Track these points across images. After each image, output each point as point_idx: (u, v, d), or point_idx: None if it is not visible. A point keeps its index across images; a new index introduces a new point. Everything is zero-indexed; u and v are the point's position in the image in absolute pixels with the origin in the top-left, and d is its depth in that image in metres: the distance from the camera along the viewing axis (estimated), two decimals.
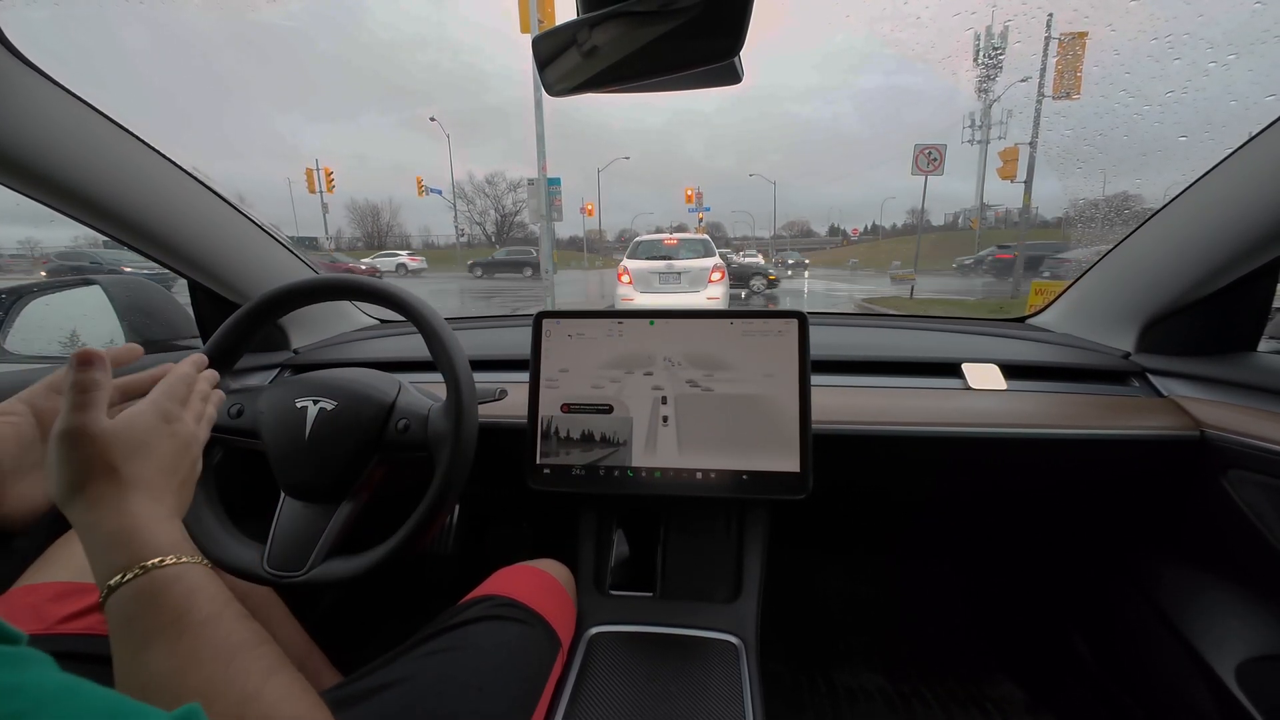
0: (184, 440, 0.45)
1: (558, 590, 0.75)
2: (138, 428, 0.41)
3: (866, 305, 11.30)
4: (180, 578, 0.37)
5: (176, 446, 0.44)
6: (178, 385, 0.47)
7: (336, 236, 52.08)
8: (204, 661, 0.36)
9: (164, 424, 0.44)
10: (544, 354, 0.78)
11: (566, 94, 0.49)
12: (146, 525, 0.38)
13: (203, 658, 0.36)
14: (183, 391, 0.47)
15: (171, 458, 0.43)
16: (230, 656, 0.37)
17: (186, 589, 0.37)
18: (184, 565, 0.38)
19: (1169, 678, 0.85)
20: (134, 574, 0.36)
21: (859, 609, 1.34)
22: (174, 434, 0.44)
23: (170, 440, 0.43)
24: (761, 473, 0.72)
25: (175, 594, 0.37)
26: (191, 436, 0.46)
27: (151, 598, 0.36)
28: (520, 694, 0.59)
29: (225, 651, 0.37)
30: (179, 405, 0.46)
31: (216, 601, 0.39)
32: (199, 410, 0.49)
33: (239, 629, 0.39)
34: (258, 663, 0.38)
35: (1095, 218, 1.44)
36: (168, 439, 0.43)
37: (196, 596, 0.38)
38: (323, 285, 0.71)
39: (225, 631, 0.38)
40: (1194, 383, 0.85)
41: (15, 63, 0.66)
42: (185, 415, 0.46)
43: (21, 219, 27.98)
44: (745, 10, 0.39)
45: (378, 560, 0.61)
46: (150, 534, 0.38)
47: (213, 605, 0.38)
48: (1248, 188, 0.73)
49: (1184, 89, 1.04)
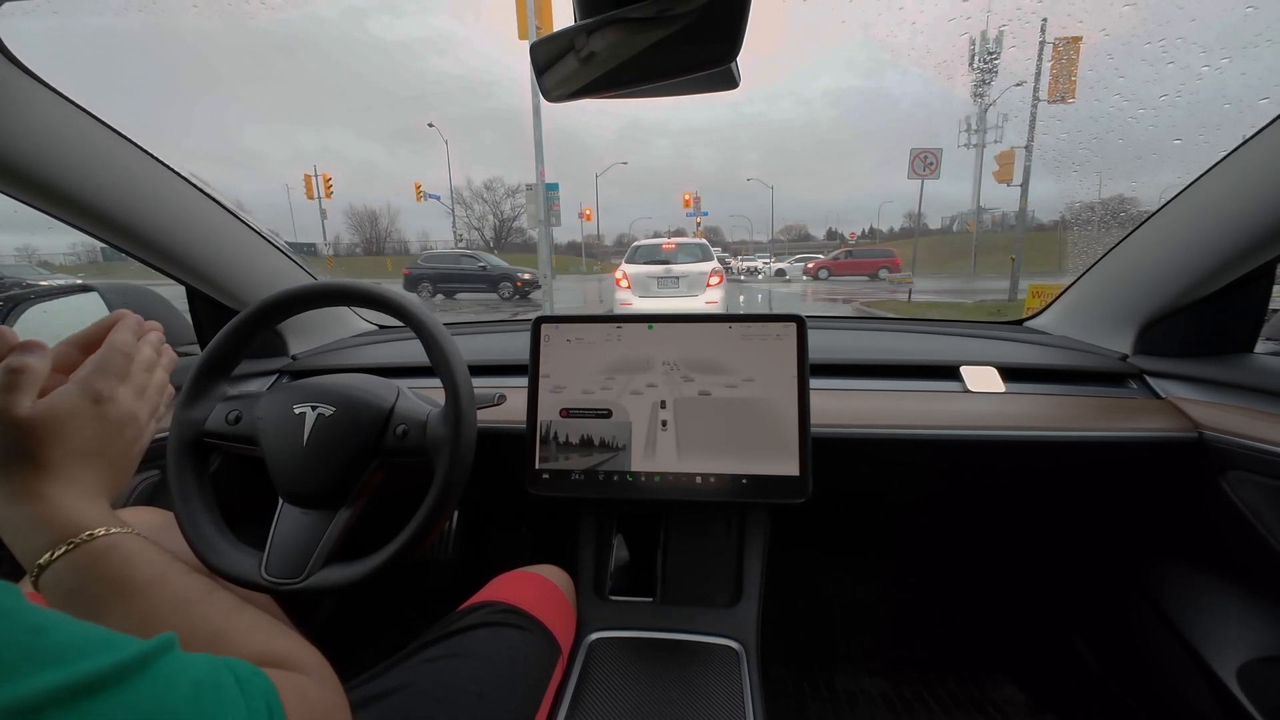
0: (115, 421, 0.42)
1: (557, 596, 0.75)
2: (59, 411, 0.39)
3: (864, 309, 11.33)
4: (113, 547, 0.37)
5: (104, 429, 0.41)
6: (112, 358, 0.43)
7: (335, 243, 52.14)
8: (162, 615, 0.36)
9: (90, 405, 0.41)
10: (543, 359, 0.78)
11: (564, 99, 0.49)
12: (64, 507, 0.37)
13: (159, 612, 0.36)
14: (119, 364, 0.44)
15: (97, 440, 0.41)
16: (187, 607, 0.38)
17: (121, 557, 0.37)
18: (114, 535, 0.38)
19: (1170, 679, 0.84)
20: (63, 550, 0.36)
21: (860, 612, 1.34)
22: (101, 415, 0.41)
23: (96, 422, 0.41)
24: (761, 476, 0.72)
25: (112, 562, 0.37)
26: (127, 415, 0.43)
27: (89, 569, 0.36)
28: (520, 701, 0.59)
29: (181, 603, 0.37)
30: (113, 381, 0.43)
31: (157, 564, 0.39)
32: (141, 383, 0.45)
33: (188, 584, 0.39)
34: (215, 607, 0.39)
35: (1091, 220, 1.45)
36: (93, 421, 0.41)
37: (135, 561, 0.38)
38: (320, 291, 0.71)
39: (175, 588, 0.38)
40: (1191, 384, 0.85)
41: (13, 70, 0.66)
42: (120, 392, 0.43)
43: (20, 226, 27.97)
44: (742, 16, 0.40)
45: (376, 567, 0.61)
46: (69, 514, 0.37)
47: (153, 568, 0.38)
48: (1243, 190, 0.73)
49: (1178, 92, 1.04)
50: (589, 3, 0.43)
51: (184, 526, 0.62)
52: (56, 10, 0.67)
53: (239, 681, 0.29)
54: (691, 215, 33.37)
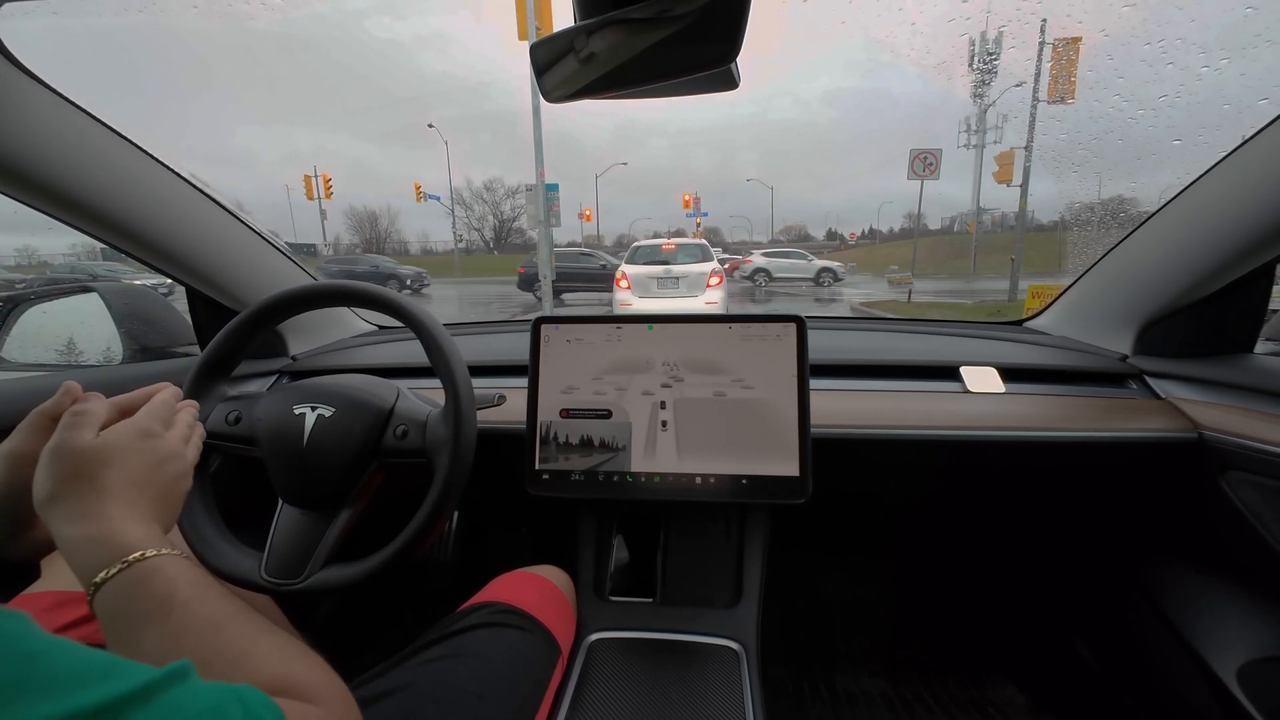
0: (162, 455, 0.47)
1: (557, 596, 0.75)
2: (115, 443, 0.44)
3: (864, 309, 11.33)
4: (161, 568, 0.40)
5: (153, 460, 0.46)
6: (160, 408, 0.50)
7: (335, 243, 52.10)
8: (194, 634, 0.38)
9: (142, 439, 0.46)
10: (543, 359, 0.78)
11: (564, 100, 0.49)
12: (121, 528, 0.41)
13: (192, 631, 0.38)
14: (165, 414, 0.50)
15: (146, 470, 0.46)
16: (218, 628, 0.39)
17: (167, 577, 0.40)
18: (163, 557, 0.40)
19: (1171, 680, 0.84)
20: (118, 568, 0.38)
21: (860, 612, 1.34)
22: (152, 449, 0.47)
23: (147, 454, 0.46)
24: (761, 477, 0.72)
25: (158, 582, 0.39)
26: (172, 452, 0.49)
27: (137, 587, 0.38)
28: (520, 701, 0.59)
29: (212, 624, 0.39)
30: (161, 425, 0.49)
31: (198, 585, 0.41)
32: (185, 433, 0.52)
33: (224, 604, 0.41)
34: (245, 628, 0.41)
35: (1091, 221, 1.45)
36: (144, 453, 0.46)
37: (178, 582, 0.40)
38: (320, 292, 0.71)
39: (211, 608, 0.40)
40: (1191, 384, 0.85)
41: (14, 71, 0.66)
42: (168, 434, 0.49)
43: (19, 227, 27.94)
44: (741, 17, 0.40)
45: (376, 567, 0.61)
46: (126, 534, 0.41)
47: (194, 588, 0.41)
48: (1243, 190, 0.73)
49: (1177, 93, 1.05)
50: (589, 3, 0.43)
51: (184, 527, 0.62)
52: (56, 10, 0.67)
53: (246, 714, 0.30)
54: (691, 216, 33.36)
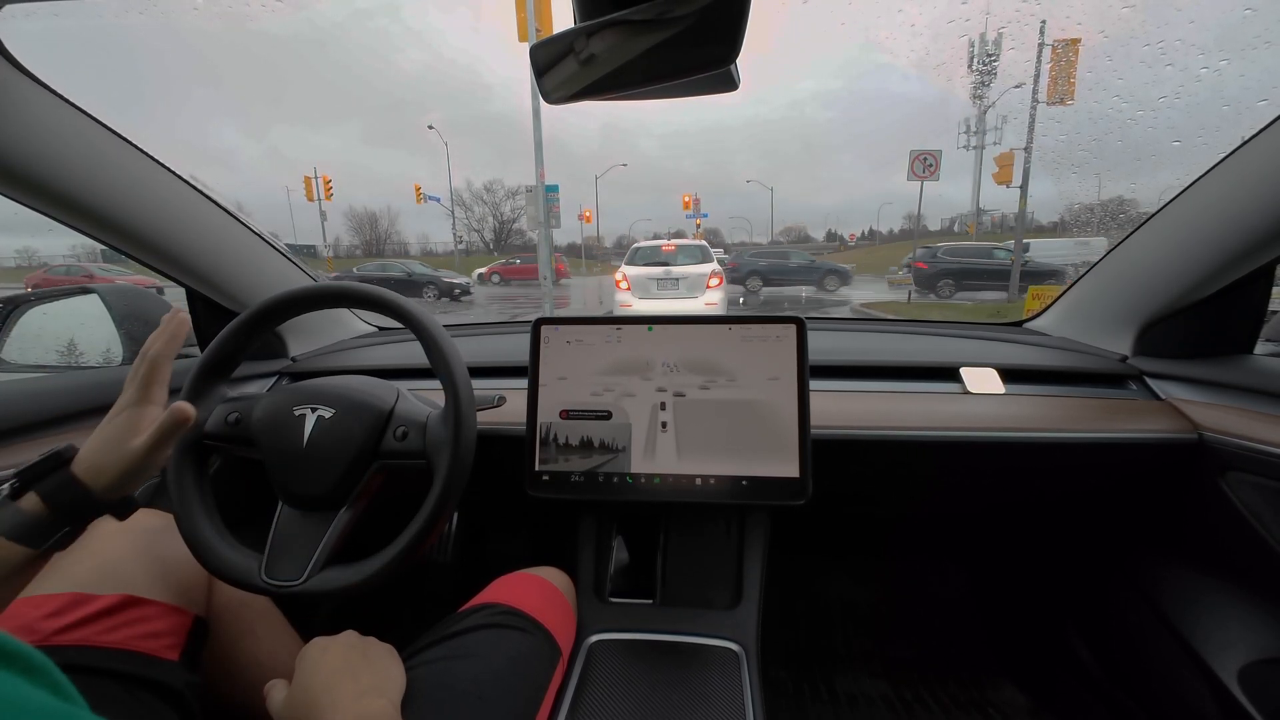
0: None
1: (557, 598, 0.75)
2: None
3: (864, 310, 11.32)
4: None
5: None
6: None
7: (335, 244, 52.06)
8: None
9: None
10: (542, 360, 0.78)
11: (564, 101, 0.49)
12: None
13: None
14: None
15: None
16: None
17: None
18: None
19: (1171, 681, 0.84)
20: None
21: (860, 613, 1.34)
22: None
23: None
24: (761, 478, 0.72)
25: None
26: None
27: None
28: (520, 703, 0.59)
29: None
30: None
31: None
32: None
33: None
34: None
35: (1091, 222, 1.45)
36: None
37: None
38: (320, 293, 0.71)
39: None
40: (1191, 385, 0.85)
41: (13, 72, 0.66)
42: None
43: (19, 228, 27.92)
44: (741, 18, 0.40)
45: (376, 569, 0.61)
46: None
47: None
48: (1243, 191, 0.73)
49: (1176, 94, 1.05)
50: (589, 5, 0.43)
51: (183, 528, 0.62)
52: (56, 12, 0.67)
53: None
54: (691, 217, 33.36)
